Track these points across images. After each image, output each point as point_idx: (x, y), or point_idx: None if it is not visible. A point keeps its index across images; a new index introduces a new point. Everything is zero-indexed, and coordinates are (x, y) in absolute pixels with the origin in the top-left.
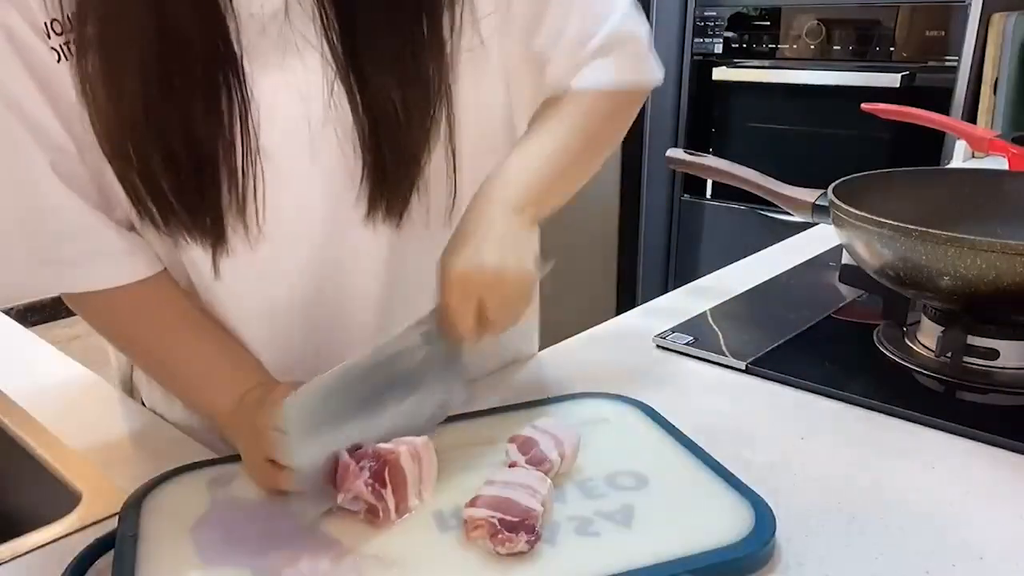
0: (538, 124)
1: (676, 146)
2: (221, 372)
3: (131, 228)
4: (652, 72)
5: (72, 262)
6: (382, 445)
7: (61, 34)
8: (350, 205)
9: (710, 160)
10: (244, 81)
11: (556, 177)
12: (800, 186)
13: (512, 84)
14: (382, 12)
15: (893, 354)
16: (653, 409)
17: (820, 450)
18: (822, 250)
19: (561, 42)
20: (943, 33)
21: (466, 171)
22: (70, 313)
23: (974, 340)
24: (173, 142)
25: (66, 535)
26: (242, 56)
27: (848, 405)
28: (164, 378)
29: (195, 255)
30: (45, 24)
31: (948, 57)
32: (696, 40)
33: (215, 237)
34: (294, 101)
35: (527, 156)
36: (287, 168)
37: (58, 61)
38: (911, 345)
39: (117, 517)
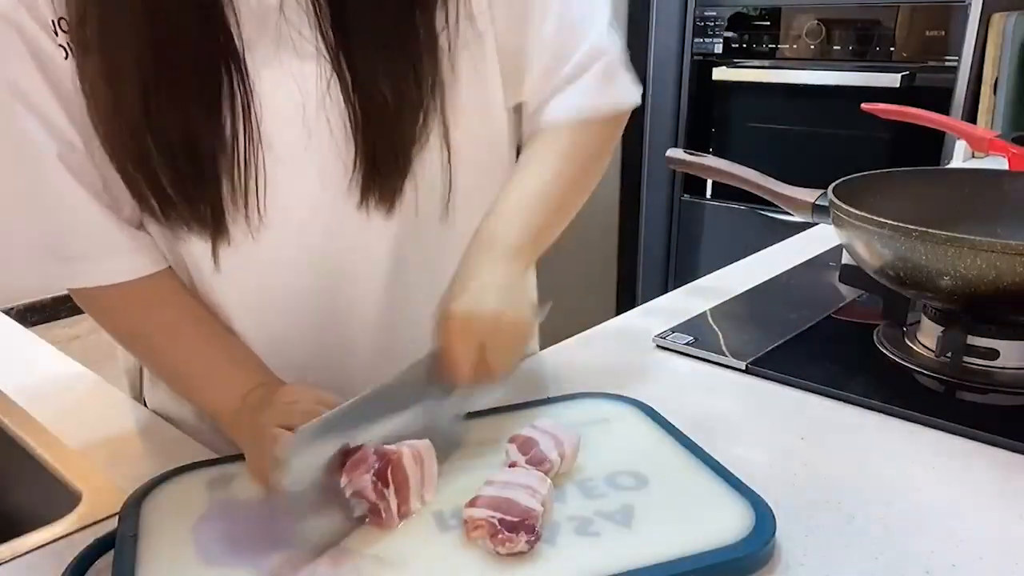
0: (527, 162)
1: (676, 146)
2: (223, 371)
3: (139, 226)
4: (630, 92)
5: (79, 257)
6: (386, 445)
7: (68, 31)
8: (344, 194)
9: (710, 160)
10: (246, 73)
11: (550, 216)
12: (800, 186)
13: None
14: (373, 6)
15: (893, 354)
16: (653, 409)
17: (820, 450)
18: (822, 250)
19: (539, 47)
20: (943, 33)
21: (465, 165)
22: (70, 313)
23: (974, 340)
24: (173, 136)
25: (66, 535)
26: (243, 48)
27: (848, 405)
28: (167, 376)
29: (195, 248)
30: (53, 22)
31: (948, 57)
32: (696, 40)
33: (215, 228)
34: (290, 92)
35: (521, 198)
36: (284, 158)
37: (65, 58)
38: (911, 345)
39: (117, 517)
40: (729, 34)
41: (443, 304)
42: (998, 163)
